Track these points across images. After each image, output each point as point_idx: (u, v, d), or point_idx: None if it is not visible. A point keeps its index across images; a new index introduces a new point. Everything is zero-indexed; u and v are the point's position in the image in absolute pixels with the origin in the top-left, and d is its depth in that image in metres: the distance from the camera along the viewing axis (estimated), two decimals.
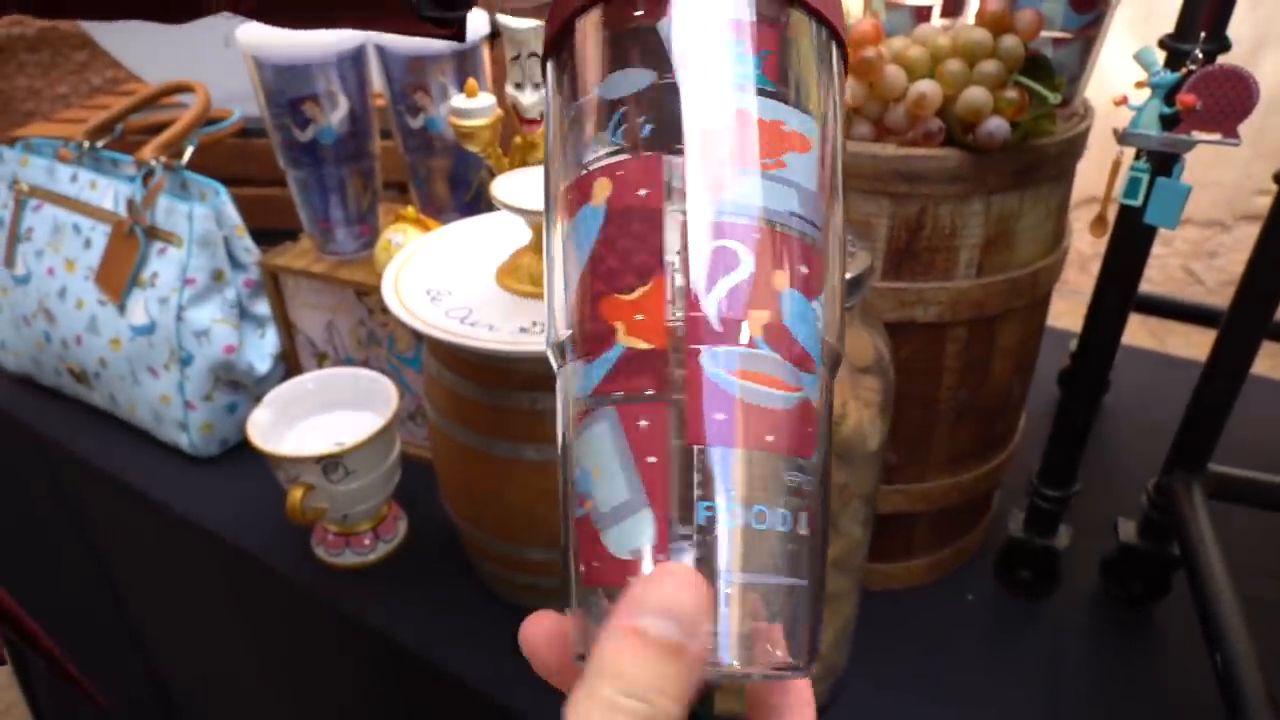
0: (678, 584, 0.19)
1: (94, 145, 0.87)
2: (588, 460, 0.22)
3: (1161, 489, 0.68)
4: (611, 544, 0.22)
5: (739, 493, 0.21)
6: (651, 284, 0.22)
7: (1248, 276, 0.62)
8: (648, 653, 0.19)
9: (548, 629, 0.24)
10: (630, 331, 0.22)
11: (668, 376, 0.22)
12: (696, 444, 0.21)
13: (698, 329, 0.22)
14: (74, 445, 0.87)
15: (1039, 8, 0.56)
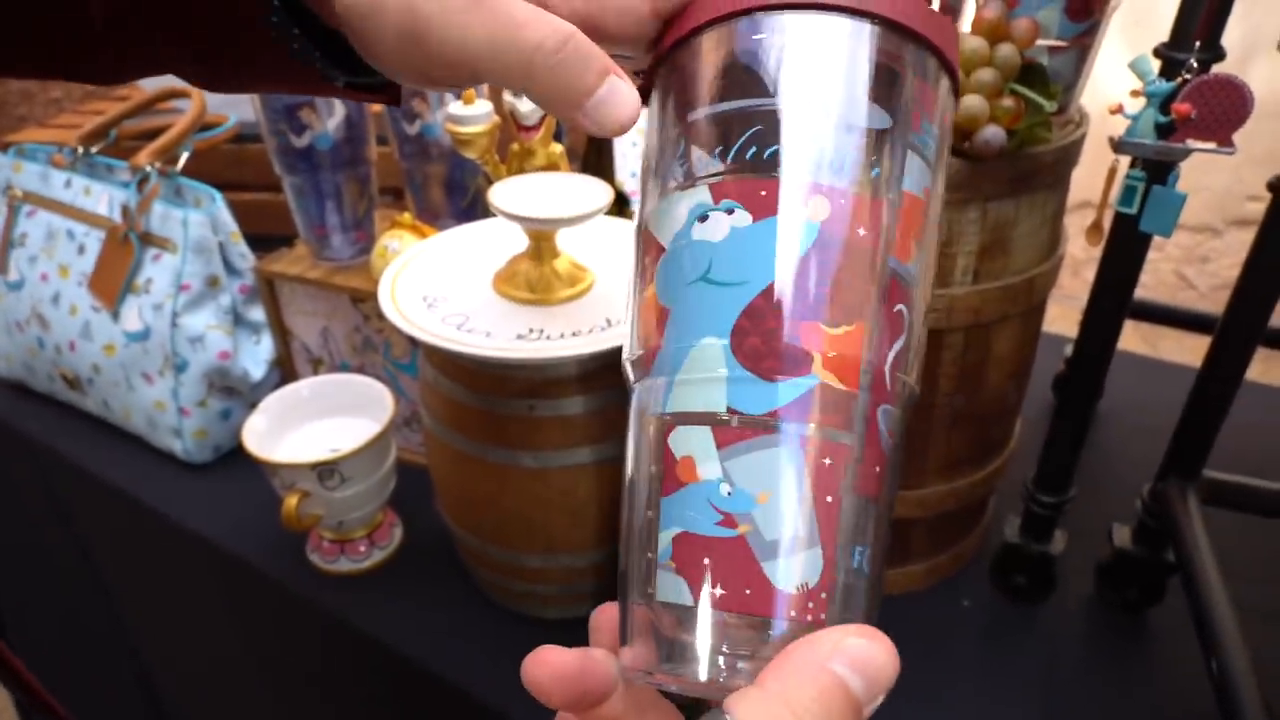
0: (878, 648, 0.20)
1: (88, 151, 0.86)
2: (752, 482, 0.22)
3: (1156, 495, 0.68)
4: (775, 575, 0.21)
5: (882, 543, 0.23)
6: (855, 326, 0.22)
7: (1242, 283, 0.62)
8: (842, 702, 0.19)
9: (555, 666, 0.24)
10: (828, 366, 0.22)
11: (854, 421, 0.22)
12: (864, 494, 0.22)
13: (880, 386, 0.22)
14: (67, 452, 0.87)
15: (1034, 16, 0.56)
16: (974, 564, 0.74)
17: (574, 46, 0.23)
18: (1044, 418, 0.82)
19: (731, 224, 0.23)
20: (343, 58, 0.29)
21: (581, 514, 0.62)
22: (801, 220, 0.22)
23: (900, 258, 0.23)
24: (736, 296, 0.22)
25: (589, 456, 0.60)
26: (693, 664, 0.22)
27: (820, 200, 0.22)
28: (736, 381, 0.22)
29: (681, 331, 0.23)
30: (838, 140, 0.23)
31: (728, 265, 0.22)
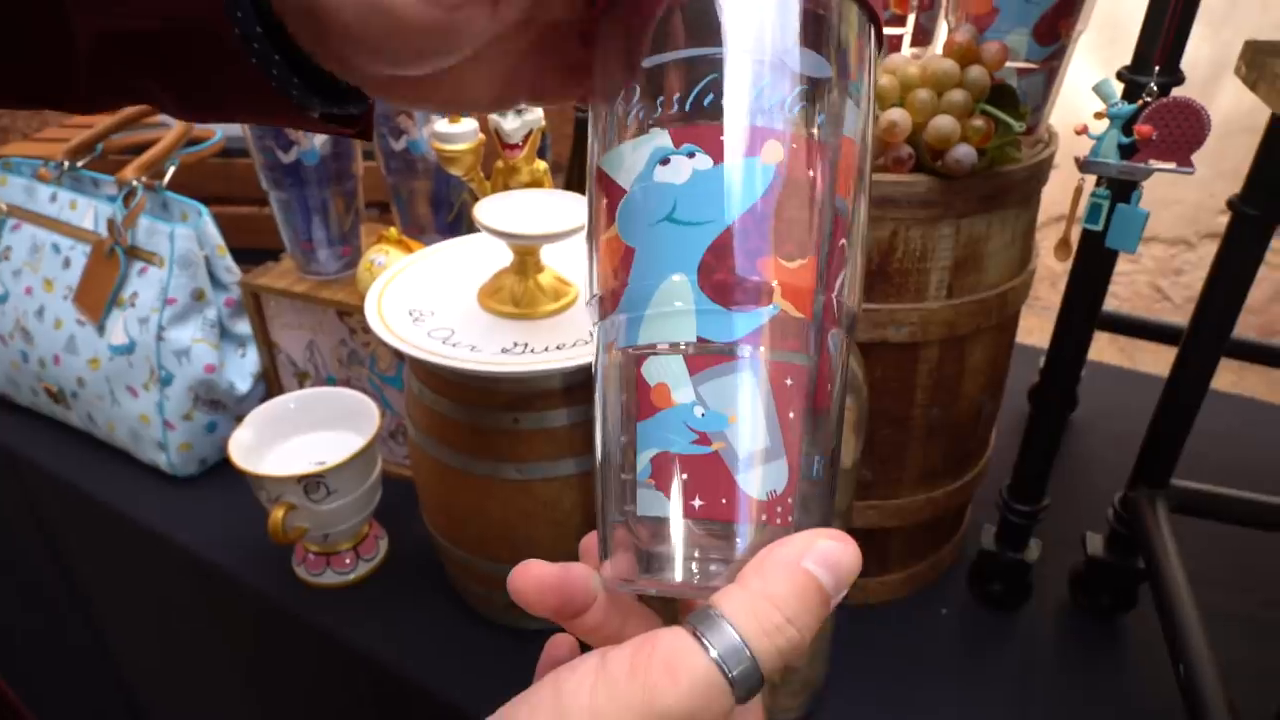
0: (843, 548, 0.23)
1: (74, 165, 0.87)
2: (722, 403, 0.24)
3: (1127, 503, 0.70)
4: (748, 485, 0.23)
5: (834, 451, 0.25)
6: (808, 260, 0.24)
7: (1204, 298, 0.64)
8: (814, 595, 0.22)
9: (539, 577, 0.26)
10: (785, 296, 0.24)
11: (809, 345, 0.24)
12: (819, 409, 0.24)
13: (829, 312, 0.25)
14: (49, 466, 0.87)
15: (1004, 39, 0.58)
16: (952, 572, 0.75)
17: None
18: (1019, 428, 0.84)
19: (694, 166, 0.24)
20: (318, 87, 0.30)
21: (565, 525, 0.63)
22: (758, 163, 0.24)
23: (842, 195, 0.25)
24: (701, 235, 0.24)
25: (573, 468, 0.61)
26: (671, 568, 0.24)
27: (774, 144, 0.24)
28: (705, 313, 0.24)
29: (648, 269, 0.24)
30: (789, 88, 0.24)
31: (691, 205, 0.24)
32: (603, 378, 0.26)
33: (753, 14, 0.25)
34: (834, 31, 0.26)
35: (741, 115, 0.24)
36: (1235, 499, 0.71)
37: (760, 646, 0.21)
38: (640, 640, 0.22)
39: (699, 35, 0.25)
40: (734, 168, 0.24)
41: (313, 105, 0.30)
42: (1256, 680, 0.53)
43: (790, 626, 0.21)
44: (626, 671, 0.21)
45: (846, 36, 0.26)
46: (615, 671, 0.21)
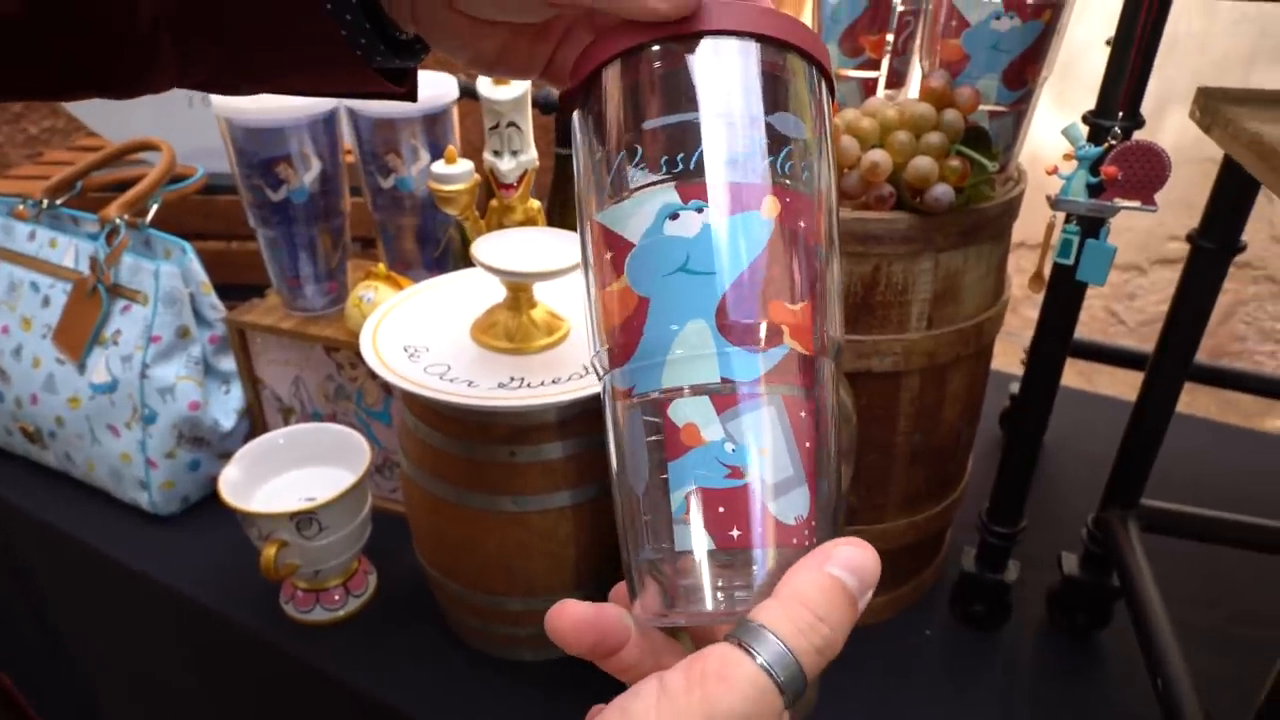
0: (864, 553, 0.24)
1: (53, 203, 0.86)
2: (749, 439, 0.25)
3: (1099, 523, 0.72)
4: (778, 511, 0.25)
5: (834, 471, 0.27)
6: (808, 303, 0.26)
7: (1168, 326, 0.68)
8: (841, 596, 0.24)
9: (576, 616, 0.27)
10: (794, 336, 0.26)
11: (814, 378, 0.27)
12: (823, 435, 0.27)
13: (824, 347, 0.27)
14: (24, 506, 0.86)
15: (975, 84, 0.61)
16: (934, 594, 0.77)
17: None
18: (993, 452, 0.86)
19: (703, 221, 0.26)
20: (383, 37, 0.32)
21: (561, 556, 0.64)
22: (759, 216, 0.26)
23: (820, 242, 0.28)
24: (714, 283, 0.26)
25: (568, 499, 0.63)
26: (703, 598, 0.25)
27: (772, 199, 0.26)
28: (726, 355, 0.26)
29: (665, 317, 0.26)
30: (779, 148, 0.27)
31: (704, 256, 0.26)
32: (617, 423, 0.28)
33: (740, 84, 0.27)
34: (811, 94, 0.28)
35: (742, 174, 0.26)
36: (1202, 517, 0.73)
37: (799, 646, 0.23)
38: (691, 659, 0.23)
39: (693, 101, 0.27)
40: (741, 221, 0.26)
41: (377, 53, 0.32)
42: (1228, 691, 0.55)
43: (823, 625, 0.23)
44: (684, 687, 0.22)
45: (822, 98, 0.29)
46: (674, 689, 0.22)
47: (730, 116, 0.27)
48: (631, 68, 0.28)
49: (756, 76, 0.27)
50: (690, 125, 0.27)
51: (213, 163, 0.90)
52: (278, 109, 0.73)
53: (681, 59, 0.27)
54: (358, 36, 0.31)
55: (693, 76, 0.27)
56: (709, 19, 0.27)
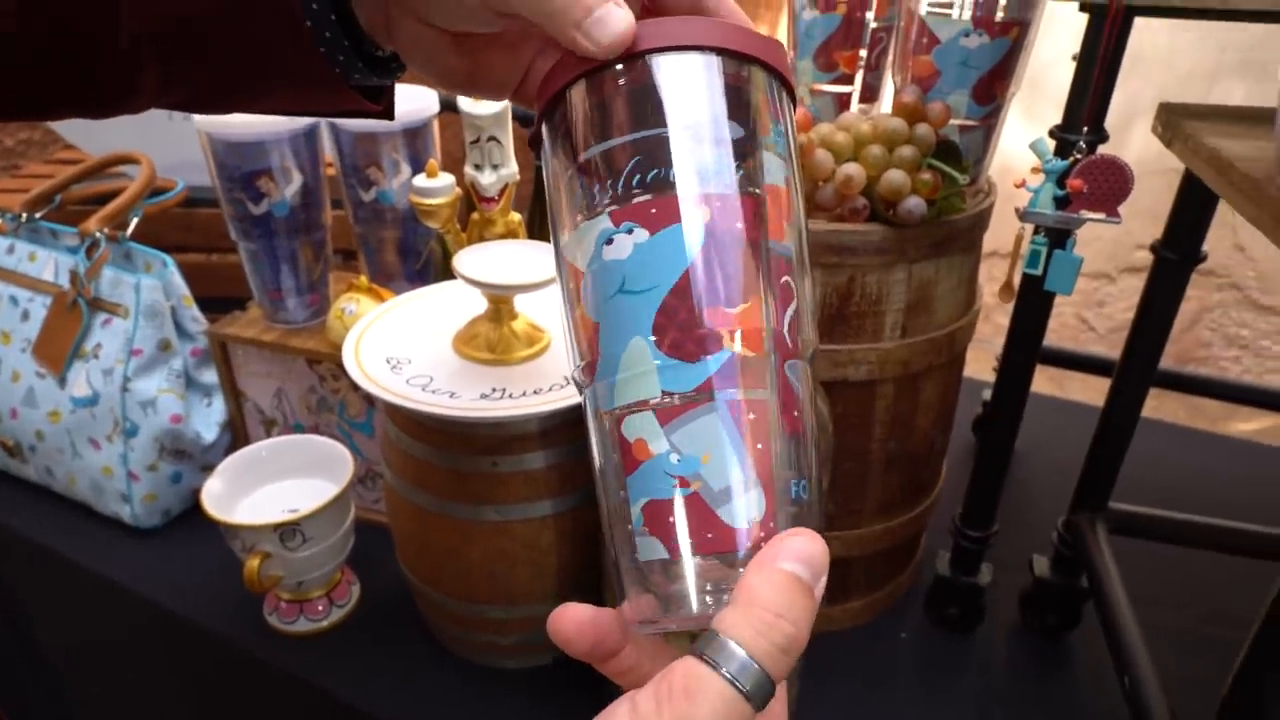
0: (811, 542, 0.24)
1: (32, 216, 0.86)
2: (693, 447, 0.25)
3: (1069, 526, 0.73)
4: (728, 516, 0.25)
5: (815, 471, 0.26)
6: (751, 302, 0.26)
7: (1133, 334, 0.69)
8: (796, 589, 0.23)
9: (576, 619, 0.28)
10: (736, 340, 0.26)
11: (765, 379, 0.26)
12: (790, 435, 0.26)
13: (783, 346, 0.26)
14: (5, 520, 0.85)
15: (946, 99, 0.62)
16: (909, 598, 0.78)
17: None
18: (966, 458, 0.87)
19: (633, 241, 0.26)
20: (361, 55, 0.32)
21: (543, 564, 0.64)
22: (689, 226, 0.26)
23: (777, 238, 0.27)
24: (650, 300, 0.26)
25: (550, 509, 0.63)
26: (677, 605, 0.26)
27: (701, 208, 0.26)
28: (665, 369, 0.26)
29: (612, 339, 0.27)
30: (706, 154, 0.27)
31: (637, 276, 0.26)
32: (595, 440, 0.28)
33: (670, 96, 0.27)
34: (743, 95, 0.28)
35: (665, 188, 0.26)
36: (1169, 520, 0.75)
37: (761, 650, 0.23)
38: (659, 677, 0.23)
39: (620, 124, 0.28)
40: (667, 235, 0.26)
41: (355, 70, 0.32)
42: (1195, 690, 0.56)
43: (783, 621, 0.23)
44: (654, 709, 0.22)
45: (755, 98, 0.28)
46: (645, 710, 0.22)
47: (649, 136, 0.27)
48: (569, 103, 0.29)
49: (670, 91, 0.27)
50: (617, 150, 0.27)
51: (193, 176, 0.89)
52: (259, 123, 0.73)
53: (603, 89, 0.28)
54: (336, 53, 0.32)
55: (611, 105, 0.28)
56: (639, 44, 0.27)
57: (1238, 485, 0.92)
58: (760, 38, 0.28)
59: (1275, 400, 0.94)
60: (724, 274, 0.26)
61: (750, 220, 0.26)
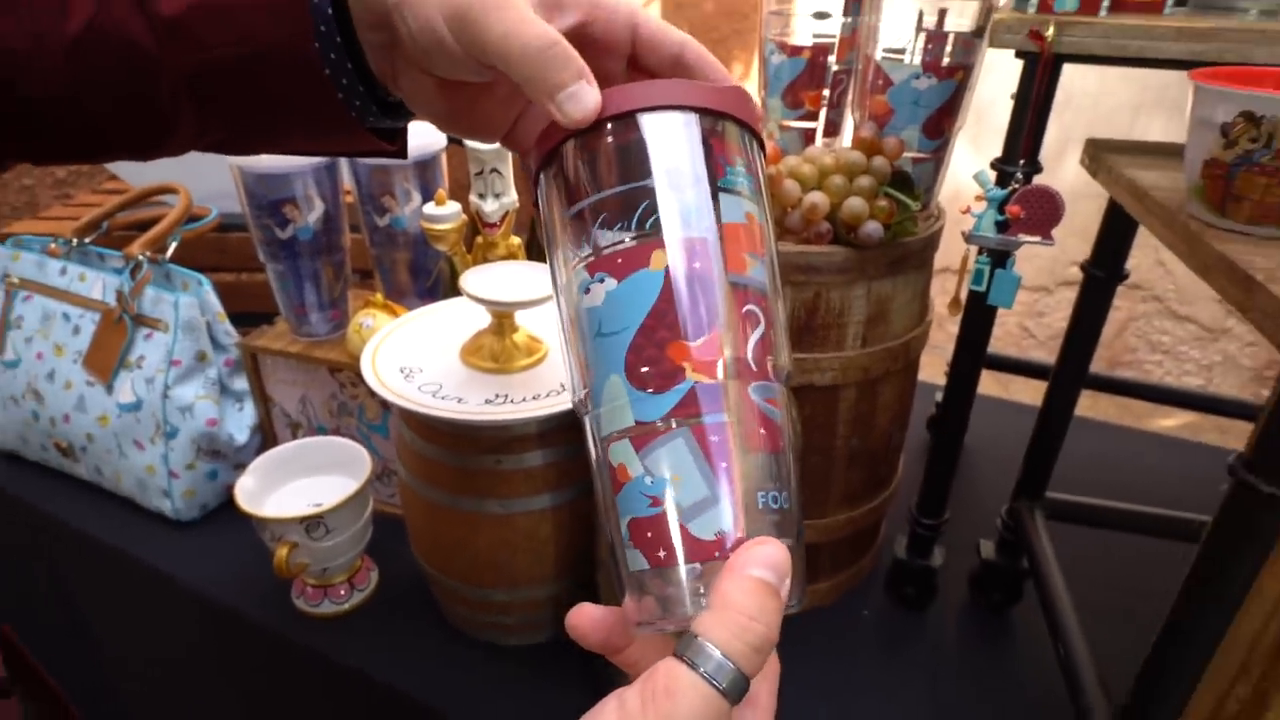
0: (776, 549, 0.24)
1: (82, 241, 0.85)
2: (666, 470, 0.25)
3: (1012, 514, 0.74)
4: (697, 530, 0.25)
5: (779, 483, 0.26)
6: (710, 334, 0.26)
7: (1066, 342, 0.69)
8: (765, 592, 0.23)
9: (591, 617, 0.28)
10: (696, 370, 0.26)
11: (725, 403, 0.26)
12: (758, 451, 0.26)
13: (745, 371, 0.26)
14: (59, 515, 0.84)
15: (900, 134, 0.62)
16: (870, 579, 0.78)
17: (559, 49, 0.27)
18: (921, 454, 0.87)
19: (605, 290, 0.27)
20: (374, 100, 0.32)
21: (542, 552, 0.64)
22: (648, 272, 0.26)
23: (736, 270, 0.27)
24: (621, 341, 0.26)
25: (548, 502, 0.62)
26: (665, 608, 0.26)
27: (658, 253, 0.26)
28: (636, 401, 0.26)
29: (596, 375, 0.27)
30: (667, 205, 0.27)
31: (610, 320, 0.27)
32: (593, 463, 0.28)
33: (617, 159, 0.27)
34: (691, 144, 0.27)
35: (627, 239, 0.27)
36: (1099, 507, 0.75)
37: (736, 651, 0.23)
38: (645, 676, 0.23)
39: (587, 186, 0.28)
40: (630, 283, 0.26)
41: (370, 114, 0.33)
42: (1120, 659, 0.56)
43: (755, 623, 0.23)
44: (639, 707, 0.22)
45: (698, 145, 0.28)
46: (631, 708, 0.22)
47: (610, 195, 0.27)
48: (555, 167, 0.29)
49: (629, 149, 0.27)
50: (588, 209, 0.27)
51: (226, 204, 0.89)
52: (285, 157, 0.73)
53: (576, 155, 0.28)
54: (353, 99, 0.32)
55: (582, 168, 0.28)
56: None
57: (1160, 476, 0.92)
58: (721, 90, 0.28)
59: (1192, 400, 0.94)
60: (681, 312, 0.26)
61: (704, 259, 0.26)
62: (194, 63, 0.30)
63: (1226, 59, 0.50)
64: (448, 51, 0.29)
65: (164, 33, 0.30)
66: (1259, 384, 1.85)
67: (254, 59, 0.30)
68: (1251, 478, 0.38)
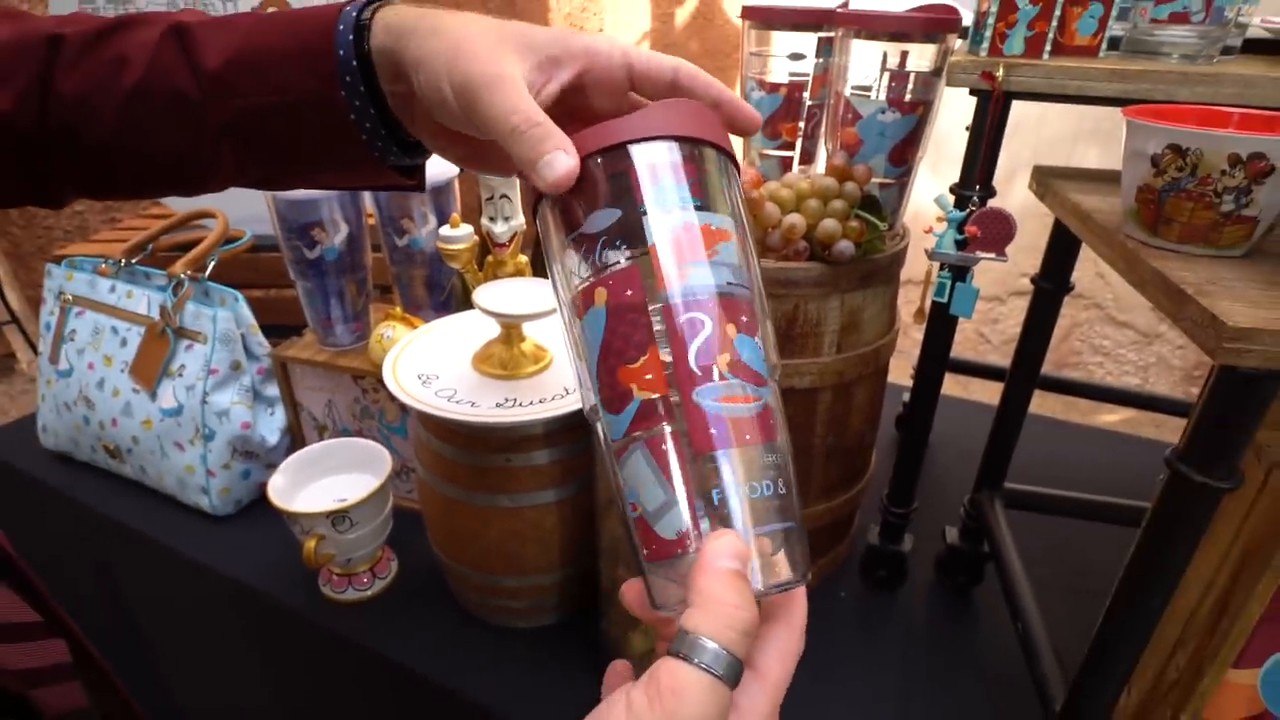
0: (735, 539, 0.24)
1: (129, 261, 0.85)
2: (632, 480, 0.26)
3: (973, 503, 0.74)
4: (661, 531, 0.25)
5: (739, 476, 0.25)
6: (649, 353, 0.26)
7: (1019, 347, 0.70)
8: (738, 579, 0.24)
9: (636, 591, 0.28)
10: (641, 388, 0.26)
11: (673, 412, 0.26)
12: (703, 452, 0.25)
13: (688, 378, 0.25)
14: (107, 511, 0.83)
15: (868, 162, 0.63)
16: (847, 563, 0.78)
17: (539, 128, 0.28)
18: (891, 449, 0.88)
19: (580, 323, 0.28)
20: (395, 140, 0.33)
21: (548, 542, 0.64)
22: (595, 309, 0.27)
23: (671, 285, 0.26)
24: (593, 368, 0.27)
25: (554, 496, 0.62)
26: (651, 596, 0.27)
27: (600, 290, 0.27)
28: (608, 421, 0.27)
29: (588, 394, 0.28)
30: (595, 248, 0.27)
31: (586, 349, 0.27)
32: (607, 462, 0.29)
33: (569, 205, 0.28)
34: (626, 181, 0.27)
35: (587, 276, 0.27)
36: (1052, 495, 0.75)
37: (726, 638, 0.23)
38: (648, 676, 0.23)
39: (561, 228, 0.28)
40: (588, 318, 0.27)
41: (391, 153, 0.33)
42: (1072, 632, 0.56)
43: (739, 610, 0.23)
44: (646, 705, 0.22)
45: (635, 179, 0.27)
46: (639, 706, 0.22)
47: (573, 237, 0.27)
48: (542, 209, 0.29)
49: (576, 194, 0.27)
50: (561, 250, 0.28)
51: (259, 227, 0.89)
52: None
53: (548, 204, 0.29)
54: (375, 140, 0.32)
55: (557, 215, 0.28)
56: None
57: (1104, 467, 0.93)
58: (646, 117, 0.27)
59: (1130, 398, 0.95)
60: (619, 341, 0.26)
61: (634, 289, 0.26)
62: (233, 110, 0.31)
63: (1155, 97, 0.51)
64: (450, 112, 0.29)
65: (207, 84, 0.31)
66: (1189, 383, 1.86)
67: (287, 107, 0.31)
68: (1185, 468, 0.39)
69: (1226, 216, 0.41)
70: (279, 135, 0.32)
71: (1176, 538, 0.41)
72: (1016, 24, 0.54)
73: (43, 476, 0.89)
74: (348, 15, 0.31)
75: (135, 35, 0.32)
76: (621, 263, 0.26)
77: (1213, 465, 0.38)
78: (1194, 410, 0.40)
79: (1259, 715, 0.42)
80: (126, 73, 0.31)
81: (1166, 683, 0.47)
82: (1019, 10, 0.54)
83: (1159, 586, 0.42)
